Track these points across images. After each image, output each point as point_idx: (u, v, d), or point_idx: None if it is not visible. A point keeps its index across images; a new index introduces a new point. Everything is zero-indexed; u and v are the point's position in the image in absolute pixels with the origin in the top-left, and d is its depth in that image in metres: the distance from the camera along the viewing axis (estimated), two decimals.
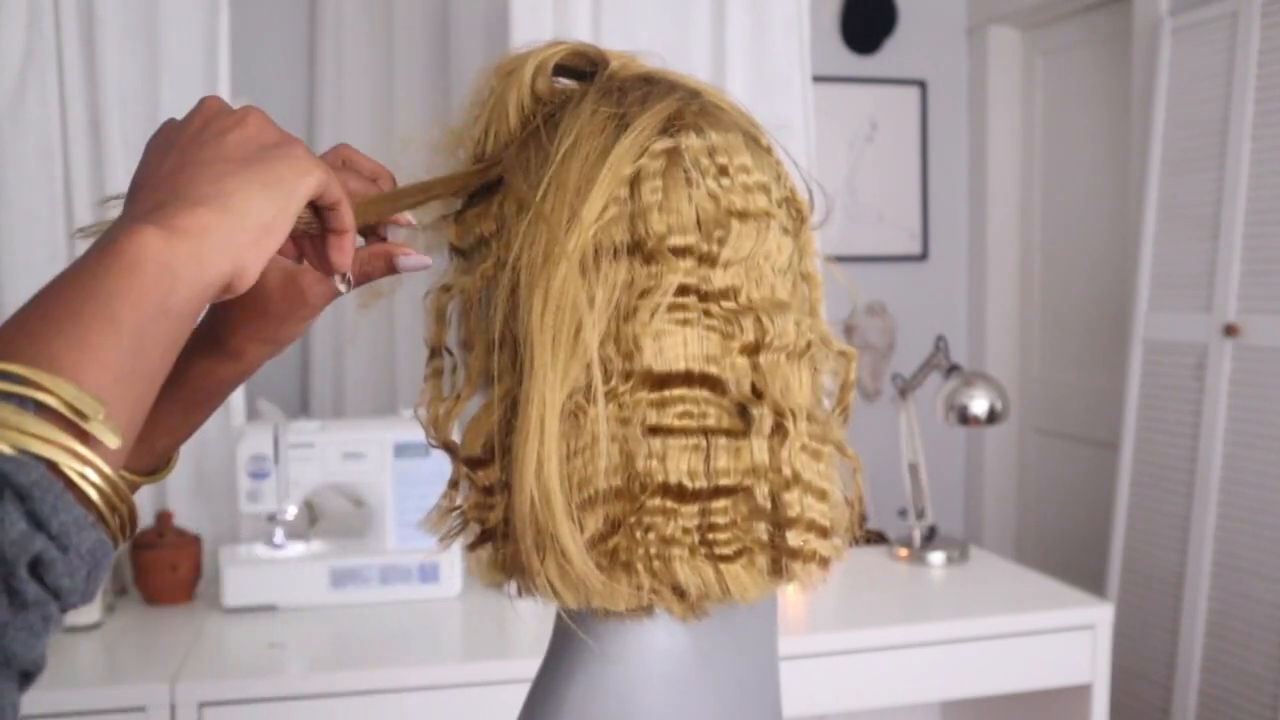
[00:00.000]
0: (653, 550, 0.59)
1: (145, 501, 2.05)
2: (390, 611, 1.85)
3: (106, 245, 0.49)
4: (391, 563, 1.87)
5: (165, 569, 1.87)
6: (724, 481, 0.59)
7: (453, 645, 1.81)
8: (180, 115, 0.58)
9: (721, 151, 0.61)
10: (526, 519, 0.57)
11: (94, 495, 0.45)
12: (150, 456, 0.69)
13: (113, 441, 0.45)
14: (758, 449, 0.59)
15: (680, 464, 0.58)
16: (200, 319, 0.60)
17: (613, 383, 0.58)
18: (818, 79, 2.65)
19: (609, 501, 0.58)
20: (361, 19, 2.74)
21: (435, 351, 0.67)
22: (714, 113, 0.63)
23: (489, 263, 0.62)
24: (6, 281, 1.97)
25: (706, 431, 0.59)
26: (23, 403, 0.43)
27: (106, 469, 0.45)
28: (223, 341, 0.68)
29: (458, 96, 2.66)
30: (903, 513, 2.20)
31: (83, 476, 0.44)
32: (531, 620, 1.76)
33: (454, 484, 0.65)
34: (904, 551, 2.14)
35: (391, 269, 0.66)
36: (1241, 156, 2.44)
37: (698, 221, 0.60)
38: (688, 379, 0.59)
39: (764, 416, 0.59)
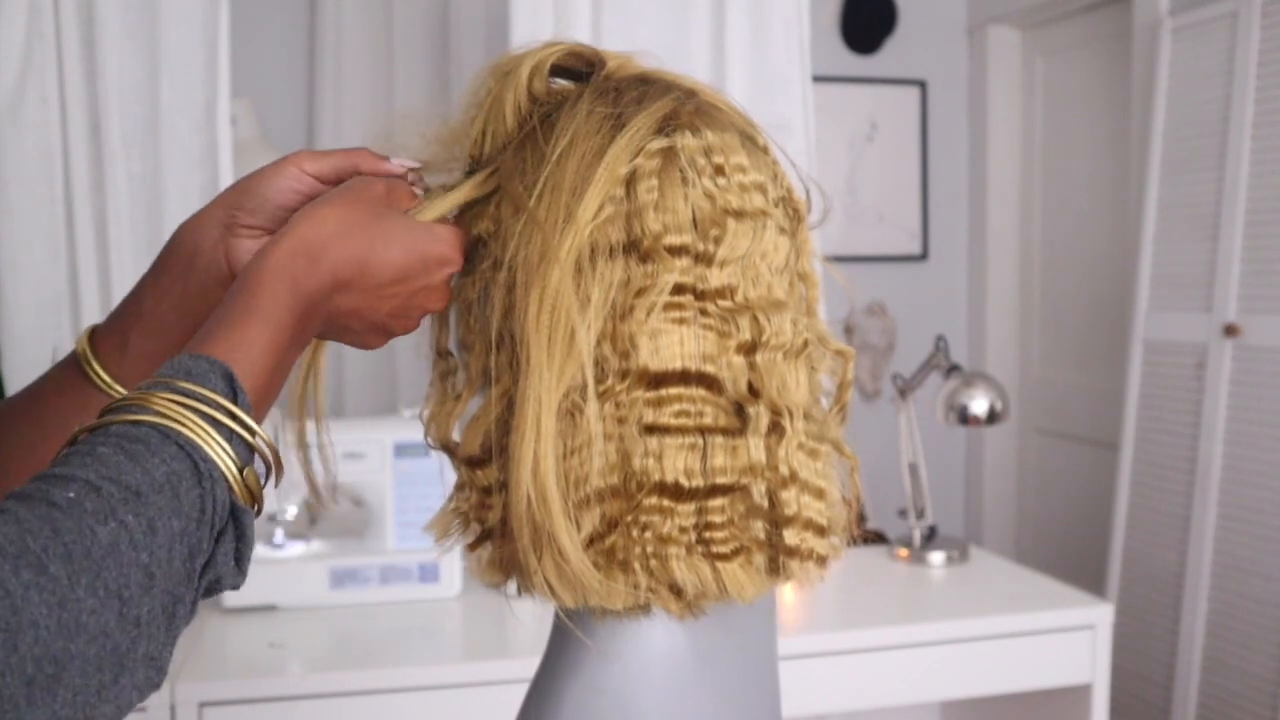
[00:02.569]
0: (650, 549, 0.59)
1: None
2: (390, 611, 1.85)
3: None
4: (391, 563, 1.87)
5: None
6: (721, 480, 0.59)
7: (453, 645, 1.81)
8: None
9: (717, 151, 0.61)
10: (523, 518, 0.57)
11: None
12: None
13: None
14: (754, 447, 0.59)
15: (677, 463, 0.58)
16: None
17: (609, 382, 0.58)
18: (818, 79, 2.65)
19: (606, 500, 0.58)
20: (361, 18, 2.74)
21: (438, 353, 0.67)
22: (710, 112, 0.63)
23: (487, 263, 0.62)
24: (6, 281, 1.97)
25: (703, 430, 0.59)
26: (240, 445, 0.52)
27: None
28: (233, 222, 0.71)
29: (457, 95, 2.65)
30: (903, 513, 2.20)
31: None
32: (531, 620, 1.76)
33: (460, 486, 0.65)
34: (904, 551, 2.14)
35: None
36: (1241, 156, 2.44)
37: (694, 221, 0.60)
38: (684, 378, 0.59)
39: (761, 415, 0.59)
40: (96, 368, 0.68)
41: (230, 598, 1.81)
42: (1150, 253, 2.70)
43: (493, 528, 0.62)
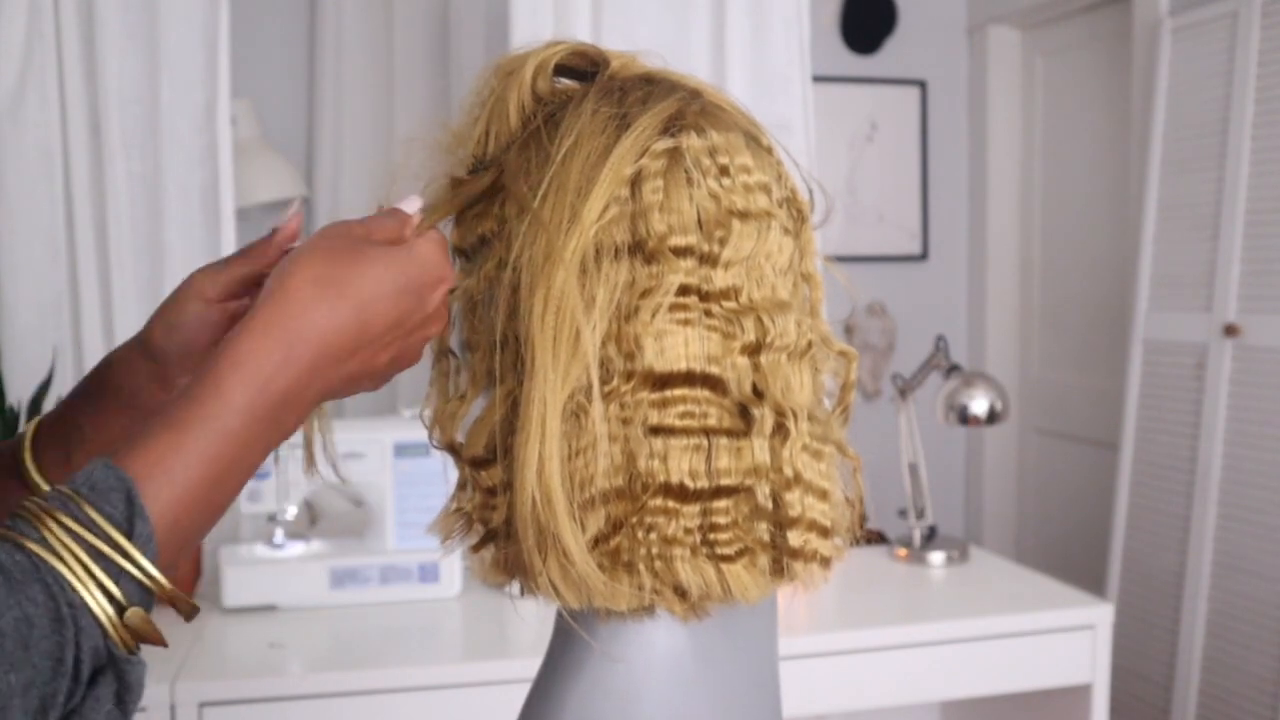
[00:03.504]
0: (654, 550, 0.59)
1: None
2: (390, 611, 1.85)
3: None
4: (391, 563, 1.87)
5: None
6: (725, 481, 0.59)
7: (453, 645, 1.81)
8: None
9: (722, 151, 0.61)
10: (529, 519, 0.57)
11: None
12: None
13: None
14: (759, 449, 0.59)
15: (681, 464, 0.58)
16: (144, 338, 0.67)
17: (614, 383, 0.58)
18: (818, 79, 2.65)
19: (611, 502, 0.58)
20: (361, 19, 2.74)
21: (440, 353, 0.67)
22: (715, 113, 0.63)
23: (490, 263, 0.62)
24: (6, 281, 1.97)
25: (708, 431, 0.59)
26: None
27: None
28: (162, 371, 0.69)
29: (458, 96, 2.66)
30: (903, 513, 2.20)
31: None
32: (532, 620, 1.76)
33: (462, 486, 0.65)
34: (904, 551, 2.14)
35: None
36: (1241, 156, 2.44)
37: (699, 221, 0.60)
38: (689, 379, 0.59)
39: (765, 416, 0.59)
40: (36, 479, 0.66)
41: (230, 598, 1.81)
42: (1150, 253, 2.70)
43: (496, 528, 0.62)
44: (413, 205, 0.63)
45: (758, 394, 0.60)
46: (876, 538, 2.26)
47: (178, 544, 0.51)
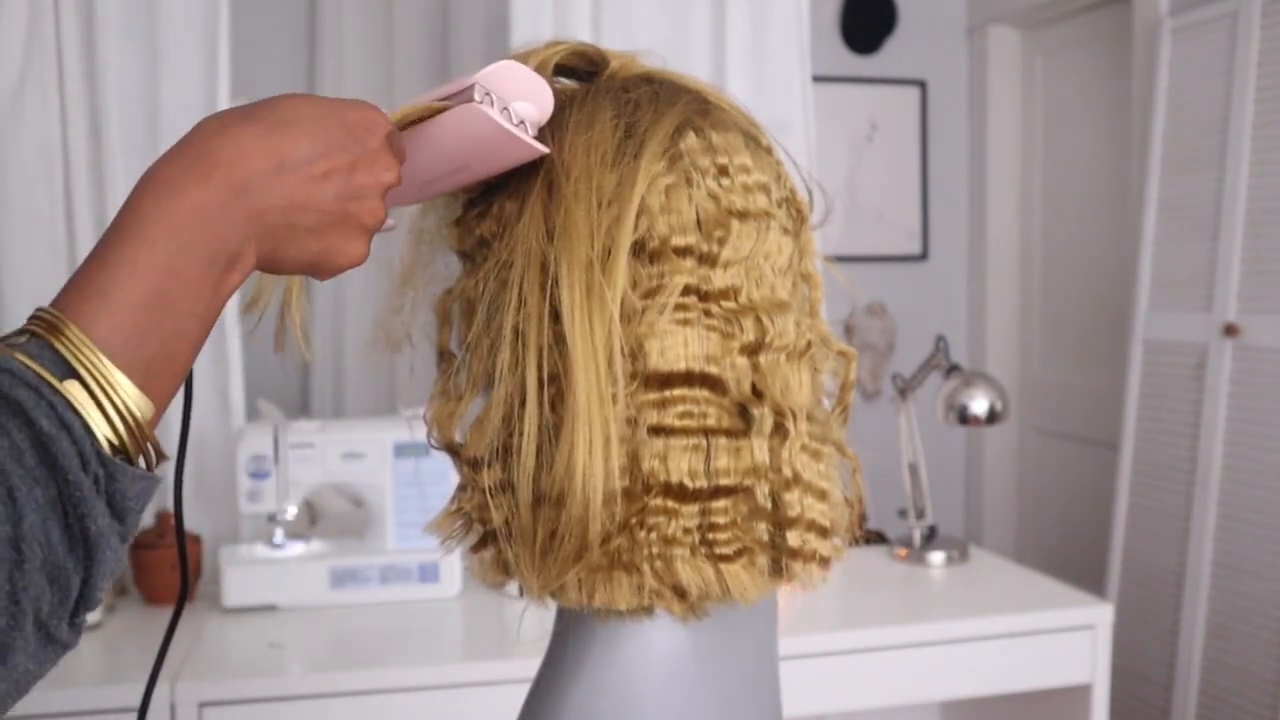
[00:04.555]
0: (655, 550, 0.59)
1: None
2: (390, 611, 1.85)
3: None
4: (391, 563, 1.87)
5: (165, 569, 1.87)
6: (724, 481, 0.59)
7: (453, 645, 1.81)
8: (181, 116, 0.59)
9: (721, 151, 0.61)
10: (573, 525, 0.57)
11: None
12: None
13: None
14: (758, 449, 0.59)
15: (681, 464, 0.58)
16: None
17: (619, 383, 0.58)
18: (818, 79, 2.65)
19: (616, 502, 0.58)
20: (361, 18, 2.74)
21: (440, 354, 0.67)
22: (714, 113, 0.63)
23: (490, 264, 0.62)
24: (6, 281, 1.97)
25: (707, 431, 0.59)
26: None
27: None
28: None
29: None
30: (903, 513, 2.20)
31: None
32: (532, 620, 1.76)
33: (463, 487, 0.64)
34: (904, 551, 2.14)
35: None
36: (1241, 156, 2.44)
37: (698, 221, 0.60)
38: (688, 379, 0.59)
39: (764, 416, 0.59)
40: None
41: (230, 598, 1.81)
42: (1150, 253, 2.70)
43: (495, 529, 0.62)
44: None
45: (757, 394, 0.60)
46: (876, 538, 2.26)
47: (137, 368, 0.49)
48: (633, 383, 0.58)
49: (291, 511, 1.87)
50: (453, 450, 0.64)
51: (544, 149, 0.61)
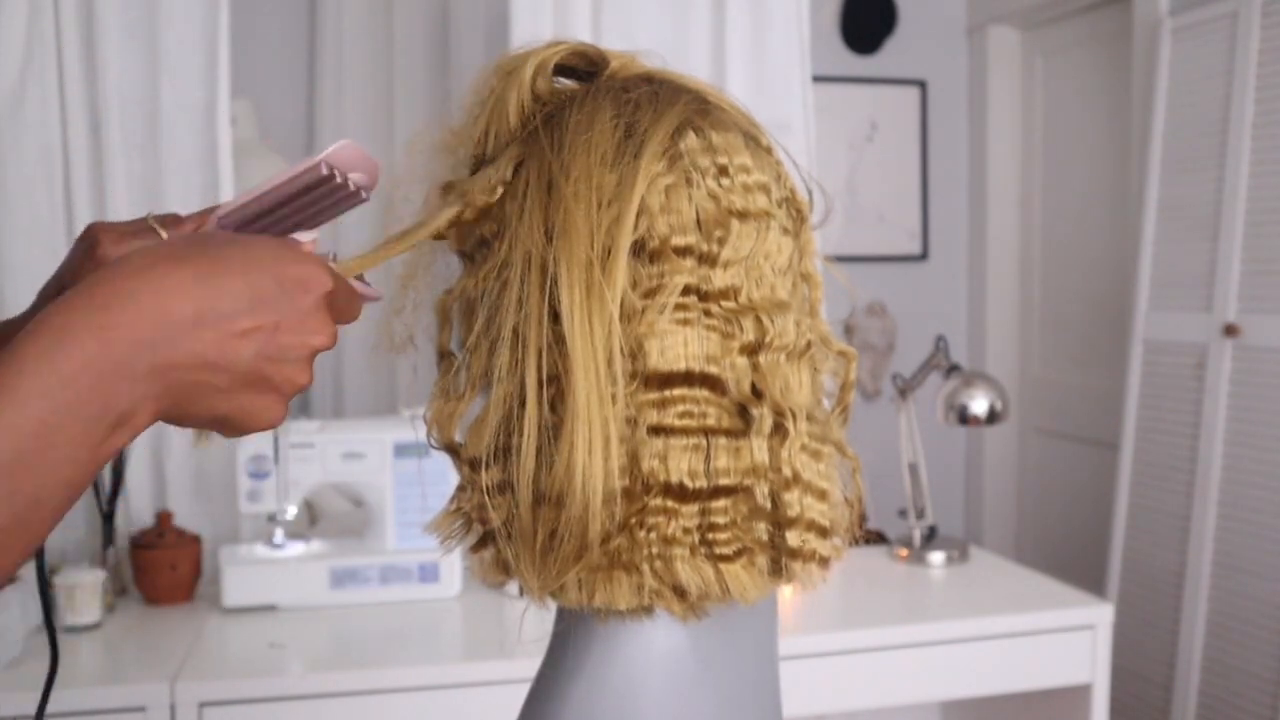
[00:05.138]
0: (654, 550, 0.59)
1: (145, 501, 2.06)
2: (390, 611, 1.85)
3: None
4: (391, 563, 1.87)
5: (165, 569, 1.87)
6: (724, 481, 0.59)
7: (453, 645, 1.81)
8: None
9: (721, 151, 0.61)
10: (573, 525, 0.57)
11: None
12: None
13: None
14: (758, 449, 0.59)
15: (681, 464, 0.58)
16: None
17: (619, 383, 0.58)
18: (818, 79, 2.65)
19: (616, 502, 0.58)
20: (361, 18, 2.74)
21: (440, 354, 0.67)
22: (714, 113, 0.63)
23: (490, 264, 0.62)
24: (6, 281, 1.97)
25: (707, 431, 0.59)
26: None
27: None
28: None
29: (458, 97, 2.65)
30: (903, 513, 2.20)
31: None
32: (532, 620, 1.76)
33: (462, 487, 0.65)
34: (904, 551, 2.14)
35: None
36: (1241, 156, 2.44)
37: (698, 221, 0.60)
38: (688, 379, 0.59)
39: (764, 416, 0.59)
40: None
41: (230, 598, 1.81)
42: (1150, 253, 2.70)
43: (495, 529, 0.62)
44: (305, 238, 0.61)
45: (757, 394, 0.60)
46: (876, 538, 2.26)
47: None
48: (632, 382, 0.58)
49: (291, 511, 1.87)
50: (452, 450, 0.64)
51: (363, 198, 0.63)
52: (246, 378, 0.51)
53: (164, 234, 0.69)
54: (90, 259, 0.69)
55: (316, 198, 0.63)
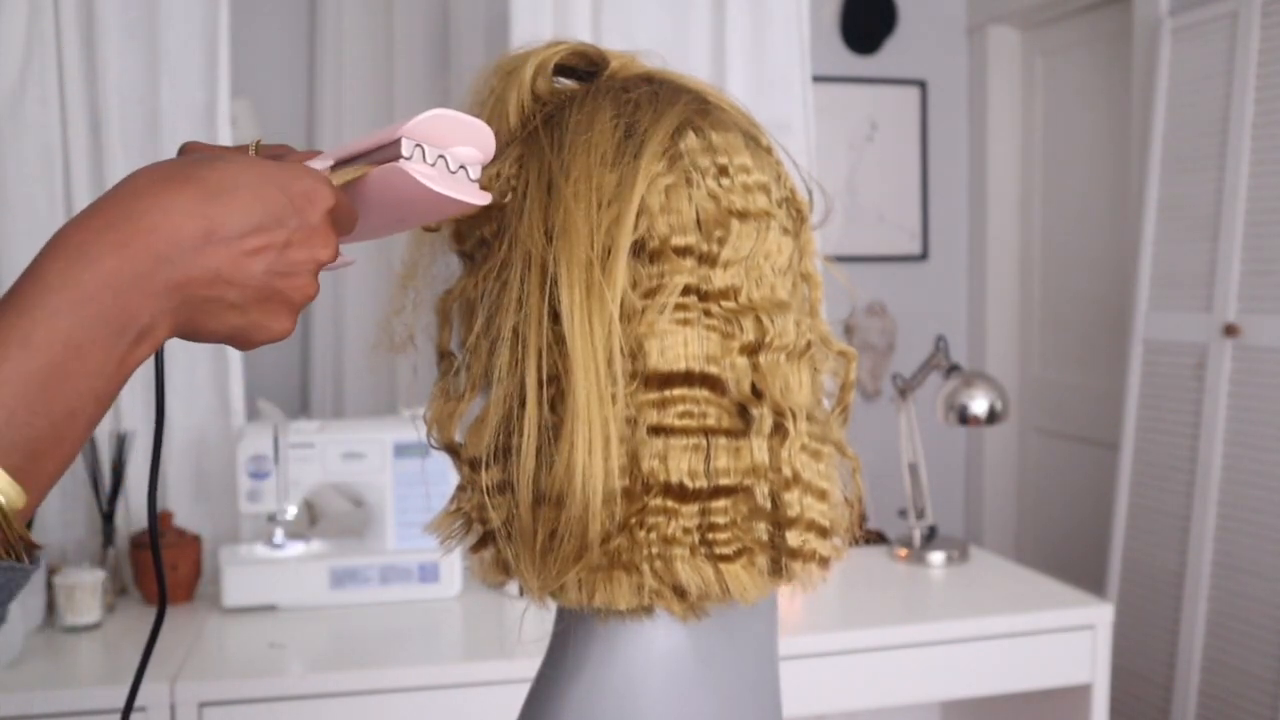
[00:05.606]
0: (654, 550, 0.59)
1: (145, 501, 2.06)
2: (390, 611, 1.85)
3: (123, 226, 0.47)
4: (391, 563, 1.87)
5: (165, 569, 1.87)
6: (724, 481, 0.59)
7: (453, 645, 1.81)
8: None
9: (721, 151, 0.61)
10: (573, 525, 0.57)
11: None
12: None
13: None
14: (758, 449, 0.59)
15: (681, 464, 0.58)
16: None
17: (618, 383, 0.58)
18: (818, 79, 2.65)
19: (616, 502, 0.58)
20: (361, 18, 2.74)
21: (440, 354, 0.67)
22: (714, 113, 0.63)
23: (490, 264, 0.62)
24: (7, 281, 1.97)
25: (707, 431, 0.59)
26: None
27: None
28: None
29: (458, 96, 2.65)
30: (903, 513, 2.20)
31: None
32: (532, 620, 1.76)
33: (463, 487, 0.65)
34: (904, 551, 2.14)
35: None
36: (1241, 156, 2.44)
37: (698, 221, 0.60)
38: (688, 379, 0.59)
39: (764, 416, 0.59)
40: None
41: (230, 598, 1.81)
42: (1150, 253, 2.70)
43: (495, 529, 0.62)
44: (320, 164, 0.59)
45: (757, 394, 0.60)
46: (876, 538, 2.26)
47: (18, 448, 0.45)
48: (632, 382, 0.58)
49: (291, 511, 1.87)
50: (453, 450, 0.64)
51: (482, 199, 0.59)
52: (259, 292, 0.52)
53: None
54: None
55: (401, 195, 0.59)
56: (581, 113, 0.62)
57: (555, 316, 0.58)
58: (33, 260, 0.47)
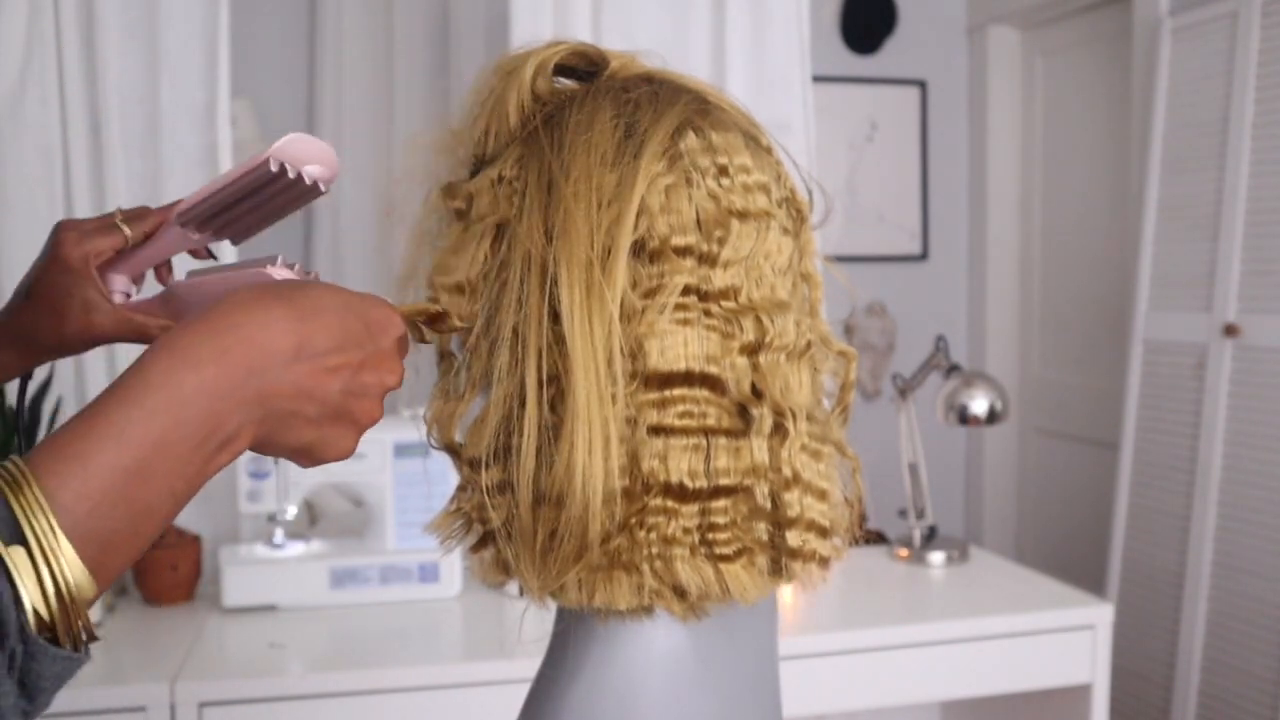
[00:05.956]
0: (654, 550, 0.59)
1: None
2: (390, 611, 1.85)
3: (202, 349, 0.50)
4: (391, 563, 1.87)
5: (165, 569, 1.87)
6: (724, 481, 0.59)
7: (453, 645, 1.81)
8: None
9: (721, 151, 0.61)
10: (573, 525, 0.57)
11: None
12: None
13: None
14: (758, 449, 0.59)
15: (681, 464, 0.58)
16: (6, 320, 0.71)
17: (618, 383, 0.58)
18: (818, 79, 2.65)
19: (616, 502, 0.58)
20: (361, 18, 2.74)
21: (440, 354, 0.67)
22: (714, 113, 0.63)
23: (490, 264, 0.62)
24: (6, 282, 1.97)
25: (707, 431, 0.59)
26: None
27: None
28: (27, 345, 0.75)
29: (458, 96, 2.66)
30: (903, 513, 2.20)
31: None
32: (532, 620, 1.76)
33: (463, 487, 0.65)
34: (904, 551, 2.14)
35: None
36: (1241, 156, 2.44)
37: (698, 221, 0.60)
38: (688, 379, 0.59)
39: (764, 416, 0.59)
40: None
41: (230, 598, 1.81)
42: (1150, 253, 2.70)
43: (495, 529, 0.62)
44: (279, 274, 0.66)
45: (757, 394, 0.60)
46: (876, 538, 2.26)
47: (96, 539, 0.46)
48: (632, 382, 0.58)
49: (291, 511, 1.87)
50: (453, 450, 0.64)
51: (321, 191, 0.71)
52: (334, 410, 0.55)
53: (128, 231, 0.76)
54: (54, 260, 0.75)
55: (272, 193, 0.68)
56: (581, 113, 0.62)
57: (555, 316, 0.58)
58: (139, 358, 0.49)
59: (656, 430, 0.59)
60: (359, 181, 2.70)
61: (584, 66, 0.66)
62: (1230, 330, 2.45)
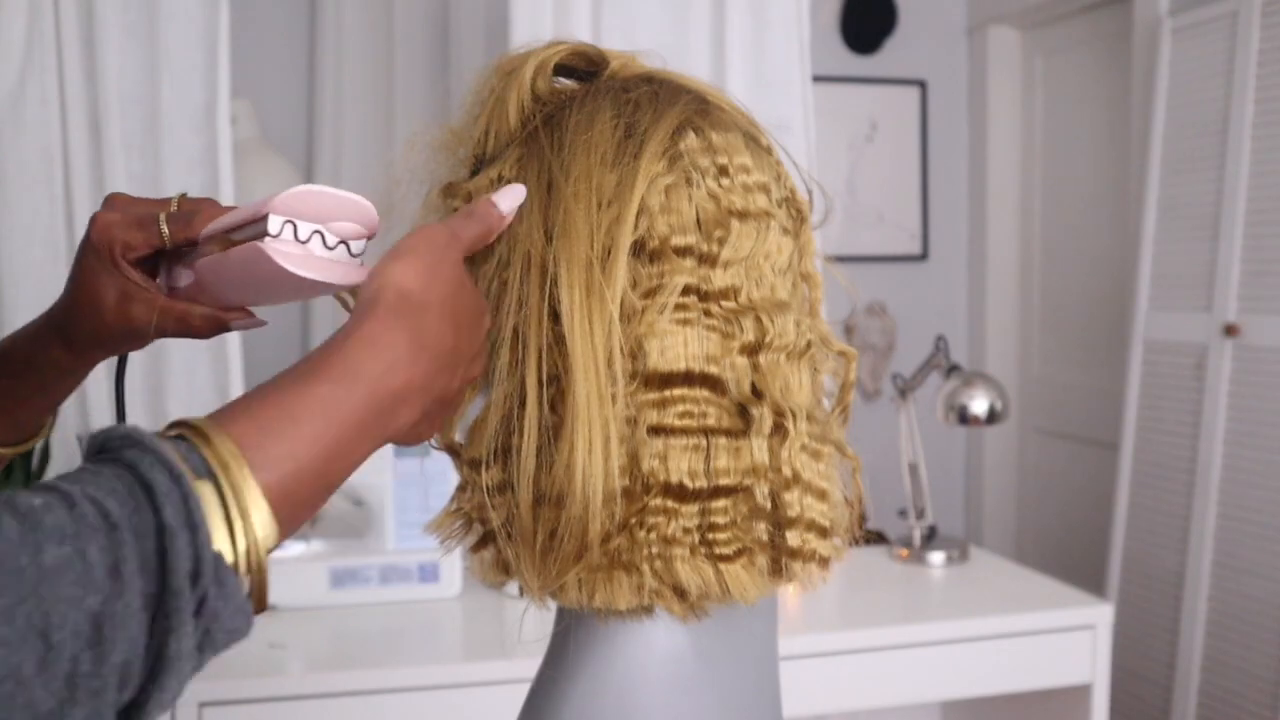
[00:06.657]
0: (654, 550, 0.59)
1: None
2: (390, 611, 1.85)
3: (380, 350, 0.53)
4: (391, 563, 1.87)
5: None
6: (724, 481, 0.59)
7: (453, 645, 1.81)
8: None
9: (721, 151, 0.61)
10: (573, 525, 0.57)
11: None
12: (15, 430, 0.73)
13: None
14: (757, 449, 0.59)
15: (681, 464, 0.58)
16: (53, 311, 0.69)
17: (618, 383, 0.58)
18: (818, 79, 2.65)
19: (616, 502, 0.58)
20: (361, 18, 2.74)
21: None
22: (714, 113, 0.63)
23: (490, 264, 0.62)
24: (6, 281, 1.97)
25: (706, 431, 0.59)
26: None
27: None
28: (69, 338, 0.71)
29: (458, 96, 2.65)
30: (903, 513, 2.20)
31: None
32: (532, 620, 1.76)
33: (463, 488, 0.65)
34: (904, 551, 2.14)
35: (222, 327, 0.70)
36: (1241, 156, 2.44)
37: (698, 221, 0.60)
38: (688, 379, 0.59)
39: (764, 416, 0.59)
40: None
41: None
42: (1150, 253, 2.70)
43: (495, 529, 0.62)
44: (510, 198, 0.60)
45: (757, 394, 0.60)
46: (876, 538, 2.26)
47: (288, 503, 0.47)
48: (632, 382, 0.59)
49: None
50: (453, 450, 0.64)
51: (358, 277, 0.61)
52: (448, 405, 0.58)
53: (166, 232, 0.69)
54: (88, 244, 0.70)
55: (267, 274, 0.60)
56: (581, 113, 0.62)
57: (555, 316, 0.58)
58: (331, 339, 0.53)
59: (656, 430, 0.59)
60: (359, 181, 2.70)
61: (584, 66, 0.66)
62: (1230, 330, 2.45)
